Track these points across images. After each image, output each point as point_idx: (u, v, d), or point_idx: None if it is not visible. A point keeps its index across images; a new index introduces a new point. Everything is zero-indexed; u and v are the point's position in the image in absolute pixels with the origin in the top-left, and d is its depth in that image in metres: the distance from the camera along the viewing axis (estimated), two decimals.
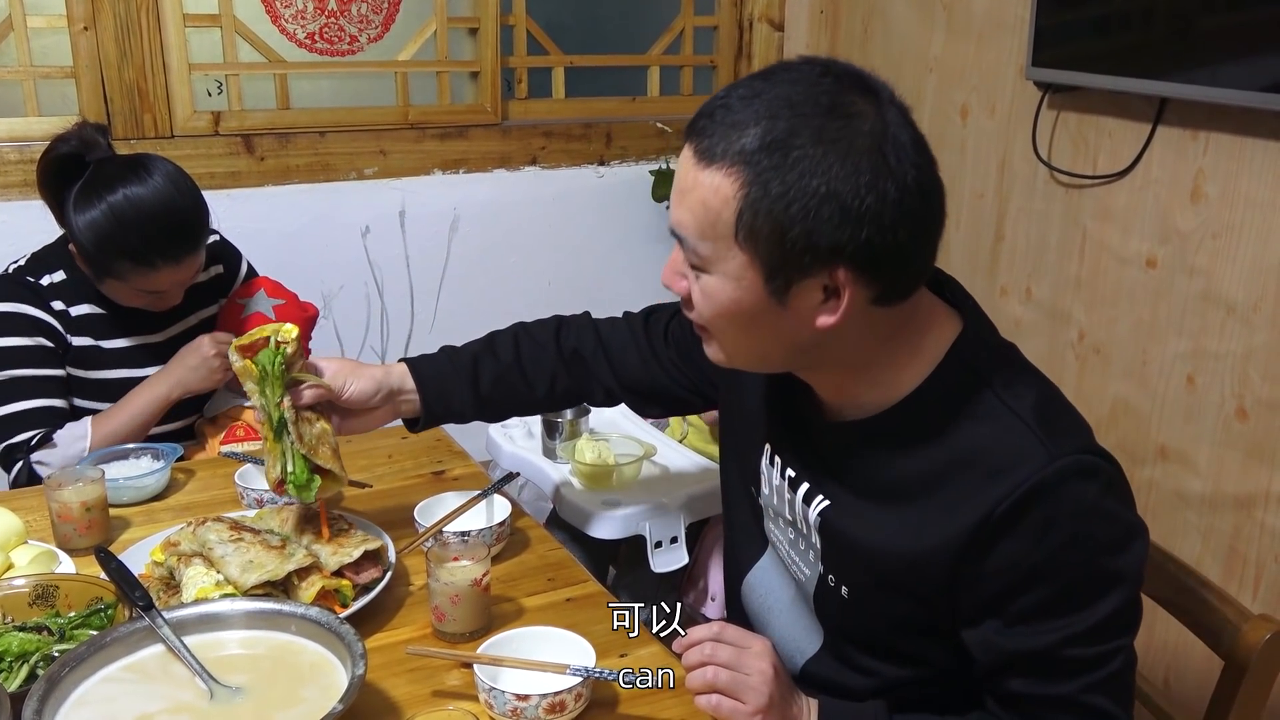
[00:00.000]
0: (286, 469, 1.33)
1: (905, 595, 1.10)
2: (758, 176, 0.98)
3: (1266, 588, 1.92)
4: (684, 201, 1.04)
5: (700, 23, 2.99)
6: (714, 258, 1.02)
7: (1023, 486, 1.01)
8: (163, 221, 1.77)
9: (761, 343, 1.07)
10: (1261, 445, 1.91)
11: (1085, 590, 1.04)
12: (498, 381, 1.48)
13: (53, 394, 1.85)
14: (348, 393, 1.40)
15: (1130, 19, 2.03)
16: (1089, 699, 1.05)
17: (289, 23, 2.48)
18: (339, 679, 1.10)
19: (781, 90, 0.99)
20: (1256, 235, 1.88)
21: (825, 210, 0.97)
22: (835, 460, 1.16)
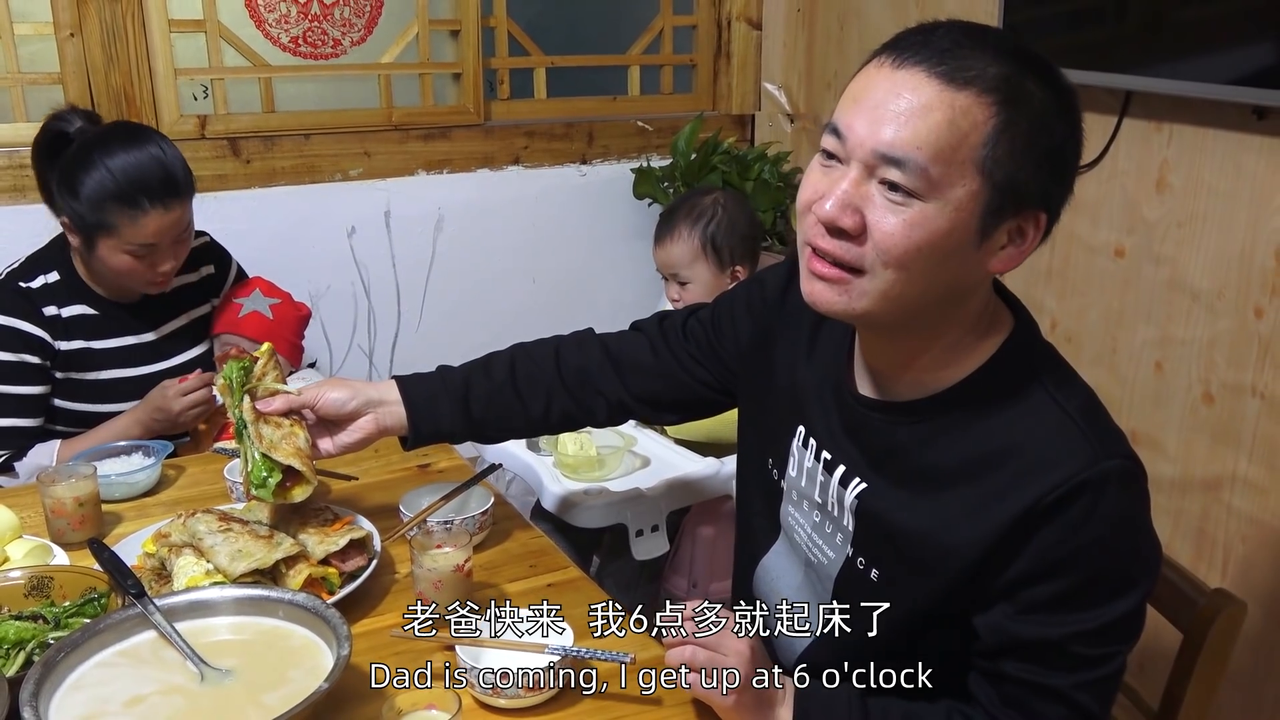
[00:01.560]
0: (249, 474, 1.35)
1: (936, 580, 1.10)
2: (1011, 107, 0.99)
3: (1234, 567, 1.96)
4: (912, 120, 0.99)
5: (679, 22, 3.03)
6: (944, 182, 0.99)
7: (1070, 482, 1.02)
8: (148, 166, 1.83)
9: (938, 282, 1.03)
10: (1227, 429, 1.96)
11: (1102, 590, 1.05)
12: (490, 402, 1.45)
13: (25, 413, 1.90)
14: (321, 400, 1.39)
15: (1095, 15, 2.08)
16: (1079, 696, 1.08)
17: (273, 27, 2.52)
18: (325, 661, 1.14)
19: (1004, 37, 1.04)
20: (1219, 224, 1.93)
21: (1053, 154, 1.02)
22: (876, 442, 1.16)
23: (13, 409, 1.88)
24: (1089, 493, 1.02)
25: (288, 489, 1.36)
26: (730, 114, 3.07)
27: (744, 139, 3.09)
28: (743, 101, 3.08)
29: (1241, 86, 1.78)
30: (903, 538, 1.13)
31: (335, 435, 1.42)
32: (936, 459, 1.11)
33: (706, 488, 1.96)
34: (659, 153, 2.96)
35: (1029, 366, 1.11)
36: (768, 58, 3.07)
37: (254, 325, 2.01)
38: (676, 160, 2.80)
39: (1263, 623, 1.91)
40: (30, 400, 1.89)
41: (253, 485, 1.35)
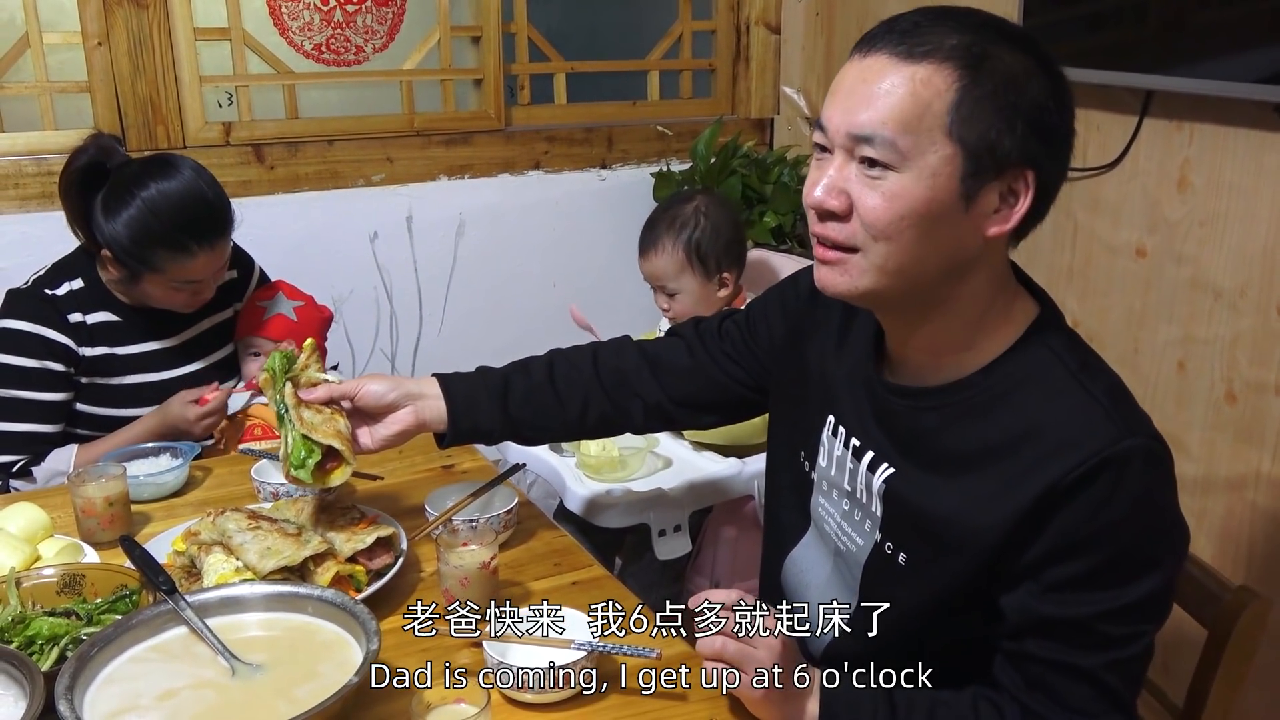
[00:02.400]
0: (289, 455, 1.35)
1: (961, 561, 1.12)
2: (973, 70, 1.03)
3: (1258, 565, 1.96)
4: (874, 100, 1.04)
5: (698, 27, 3.04)
6: (914, 151, 1.03)
7: (1093, 459, 1.03)
8: (194, 209, 1.85)
9: (930, 250, 1.06)
10: (1250, 428, 1.95)
11: (1127, 569, 1.06)
12: (528, 401, 1.46)
13: (45, 419, 1.92)
14: (361, 390, 1.41)
15: (1114, 16, 2.09)
16: (1106, 676, 1.08)
17: (296, 34, 2.54)
18: (354, 655, 1.16)
19: (967, 14, 1.07)
20: (1241, 222, 1.92)
21: (1030, 115, 1.04)
22: (904, 427, 1.18)
23: (34, 414, 1.90)
24: (1112, 470, 1.03)
25: (327, 471, 1.36)
26: (749, 118, 3.09)
27: (763, 143, 3.10)
28: (762, 105, 3.09)
29: (1262, 85, 1.78)
30: (928, 521, 1.14)
31: (374, 429, 1.44)
32: (962, 442, 1.13)
33: (729, 488, 1.96)
34: (679, 157, 2.97)
35: (1052, 351, 1.12)
36: (786, 62, 3.08)
37: (278, 328, 2.03)
38: (696, 164, 2.81)
39: None
40: (51, 406, 1.92)
41: (292, 466, 1.34)
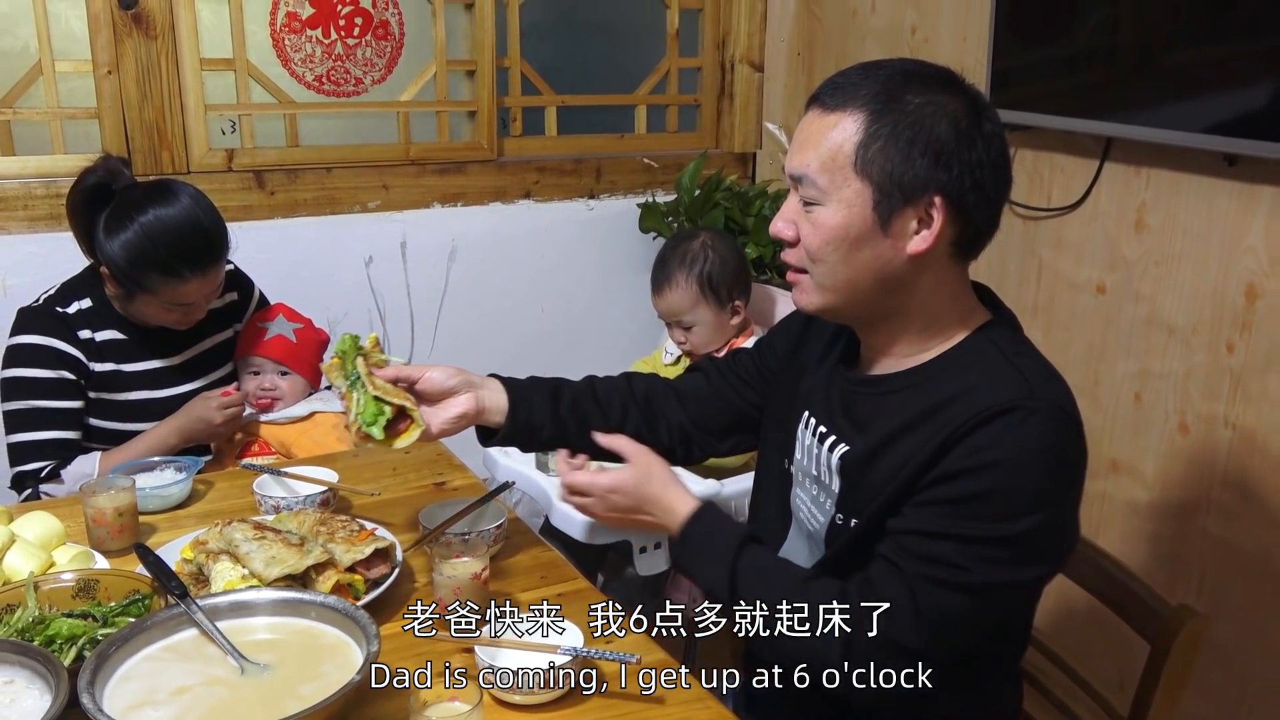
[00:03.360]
0: (359, 413, 1.42)
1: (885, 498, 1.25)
2: (876, 115, 1.20)
3: (1208, 589, 2.06)
4: (806, 146, 1.24)
5: (685, 64, 3.16)
6: (831, 188, 1.22)
7: (996, 405, 1.17)
8: (189, 236, 1.94)
9: (858, 269, 1.24)
10: (1201, 458, 2.06)
11: (994, 506, 1.17)
12: (575, 406, 1.55)
13: (66, 426, 2.00)
14: (425, 375, 1.47)
15: (1077, 65, 2.20)
16: (919, 588, 1.18)
17: (298, 66, 2.64)
18: (355, 657, 1.24)
19: (896, 64, 1.25)
20: (1194, 263, 2.04)
21: (931, 148, 1.19)
22: (860, 410, 1.33)
23: (56, 422, 1.98)
24: (1007, 418, 1.17)
25: (399, 430, 1.42)
26: (733, 152, 3.20)
27: (745, 176, 3.21)
28: (745, 140, 3.21)
29: (1214, 135, 1.90)
30: (876, 485, 1.27)
31: (432, 415, 1.48)
32: (904, 412, 1.26)
33: None
34: (664, 188, 3.07)
35: (993, 343, 1.27)
36: (769, 99, 3.20)
37: (278, 348, 2.12)
38: (681, 196, 2.92)
39: (1235, 640, 2.00)
40: (70, 414, 2.00)
41: (364, 423, 1.40)
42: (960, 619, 1.20)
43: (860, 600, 1.21)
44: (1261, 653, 1.97)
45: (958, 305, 1.30)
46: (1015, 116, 2.28)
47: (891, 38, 2.71)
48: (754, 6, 3.12)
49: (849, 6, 2.85)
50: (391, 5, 2.71)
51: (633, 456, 1.39)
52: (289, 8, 2.60)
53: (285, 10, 2.60)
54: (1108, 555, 1.54)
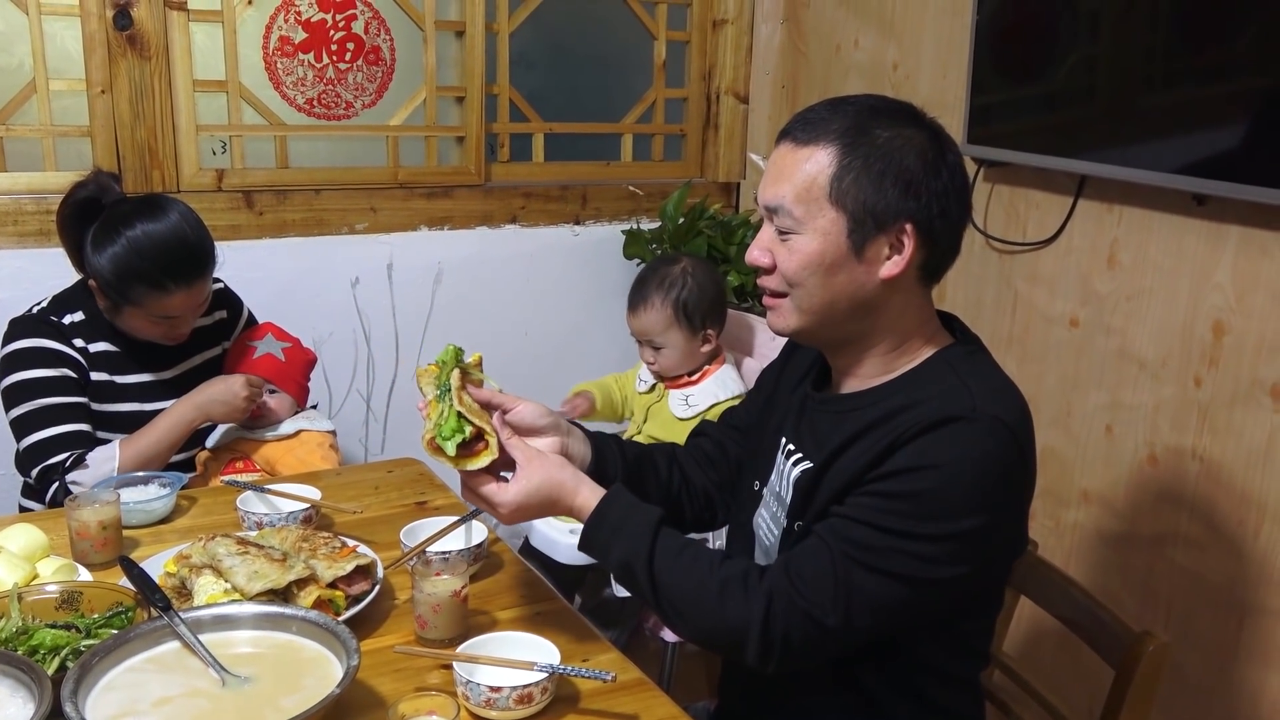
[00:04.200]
0: (439, 424, 1.38)
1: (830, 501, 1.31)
2: (848, 149, 1.27)
3: (1176, 617, 2.10)
4: (781, 178, 1.30)
5: (671, 94, 3.21)
6: (807, 217, 1.28)
7: (939, 414, 1.24)
8: (175, 249, 1.97)
9: (835, 293, 1.31)
10: (1170, 489, 2.10)
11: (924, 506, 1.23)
12: (637, 458, 1.58)
13: (81, 419, 2.02)
14: (518, 408, 1.46)
15: (1053, 104, 2.26)
16: (840, 565, 1.24)
17: (290, 89, 2.68)
18: (335, 671, 1.26)
19: (861, 100, 1.33)
20: (1163, 299, 2.09)
21: (901, 178, 1.26)
22: (823, 426, 1.39)
23: (67, 416, 2.00)
24: (953, 425, 1.23)
25: (473, 452, 1.37)
26: (717, 181, 3.25)
27: (729, 205, 3.26)
28: (729, 170, 3.26)
29: (1184, 175, 1.95)
30: (822, 491, 1.33)
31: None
32: (858, 424, 1.31)
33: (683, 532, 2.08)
34: (648, 216, 3.12)
35: (948, 363, 1.33)
36: (753, 130, 3.25)
37: (267, 366, 2.14)
38: (665, 224, 2.96)
39: (1201, 668, 2.04)
40: (79, 408, 2.02)
41: (440, 437, 1.36)
42: (877, 601, 1.25)
43: (783, 570, 1.27)
44: (1226, 682, 2.01)
45: (923, 327, 1.37)
46: (992, 153, 2.34)
47: (874, 73, 2.77)
48: (740, 40, 3.17)
49: (833, 42, 2.91)
50: (383, 31, 2.75)
51: (528, 462, 1.38)
52: (282, 32, 2.64)
53: (278, 34, 2.63)
54: (1075, 583, 1.57)
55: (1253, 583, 1.96)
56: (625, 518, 1.35)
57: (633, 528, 1.33)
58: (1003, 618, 1.63)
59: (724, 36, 3.18)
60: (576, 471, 1.40)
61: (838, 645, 1.27)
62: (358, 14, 2.71)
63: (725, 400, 2.36)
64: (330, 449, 2.19)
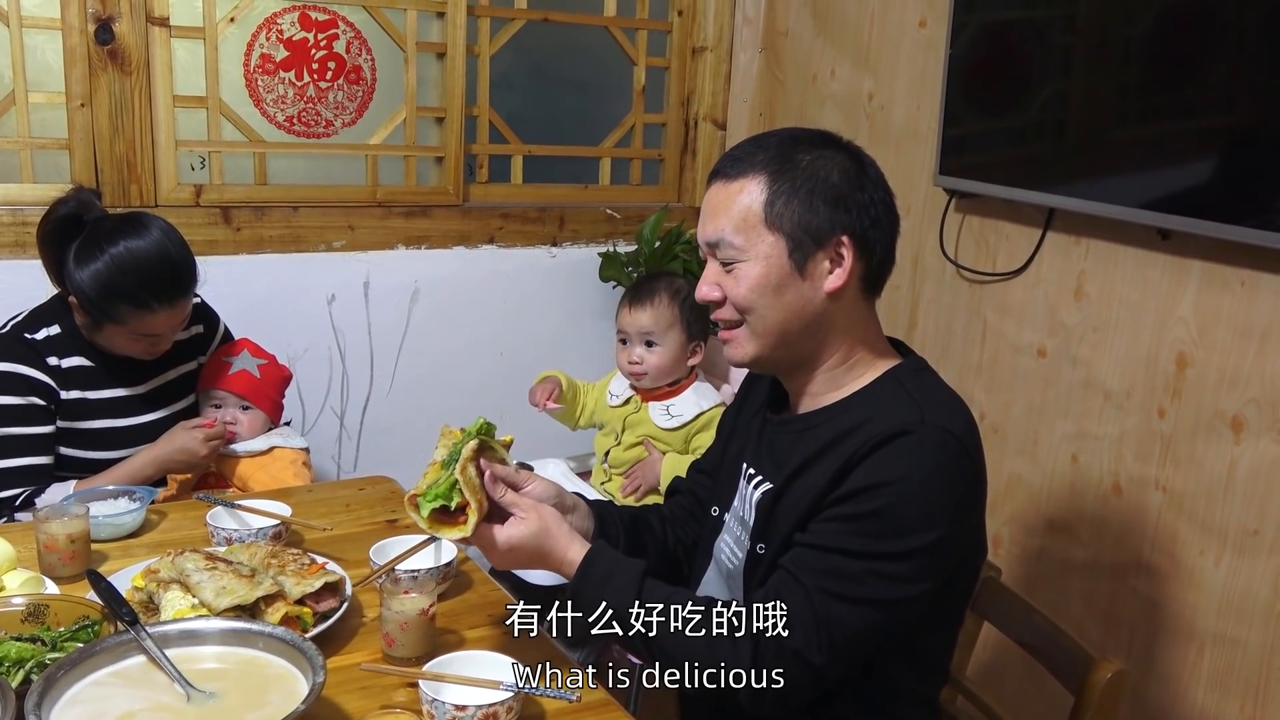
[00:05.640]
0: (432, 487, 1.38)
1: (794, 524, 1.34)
2: (775, 176, 1.34)
3: (1138, 646, 2.12)
4: (717, 213, 1.37)
5: (650, 119, 3.24)
6: (748, 245, 1.35)
7: (890, 429, 1.28)
8: (158, 268, 1.97)
9: (786, 313, 1.36)
10: (1133, 519, 2.13)
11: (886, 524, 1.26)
12: (633, 520, 1.62)
13: (40, 452, 2.01)
14: (529, 485, 1.47)
15: (1023, 138, 2.30)
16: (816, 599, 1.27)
17: (270, 106, 2.69)
18: (301, 688, 1.26)
19: (780, 133, 1.41)
20: (1128, 331, 2.13)
21: (829, 194, 1.34)
22: (780, 448, 1.43)
23: (27, 448, 1.99)
24: (904, 439, 1.27)
25: (450, 521, 1.37)
26: (693, 206, 3.27)
27: None
28: None
29: (1149, 211, 1.99)
30: (782, 512, 1.36)
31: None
32: (813, 445, 1.35)
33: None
34: (625, 239, 3.14)
35: (898, 381, 1.38)
36: None
37: (242, 383, 2.15)
38: (641, 247, 2.98)
39: (1162, 695, 2.07)
40: (41, 439, 2.01)
41: (422, 496, 1.37)
42: (856, 632, 1.28)
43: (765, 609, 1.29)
44: (1186, 709, 2.04)
45: (870, 340, 1.42)
46: (964, 184, 2.38)
47: (849, 103, 2.81)
48: (718, 67, 3.21)
49: (810, 71, 2.95)
50: (365, 51, 2.77)
51: (525, 511, 1.39)
52: (264, 49, 2.65)
53: (260, 52, 2.65)
54: (1037, 609, 1.60)
55: (1213, 611, 2.00)
56: (611, 572, 1.36)
57: (619, 581, 1.35)
58: (965, 642, 1.65)
59: (703, 63, 3.22)
60: (571, 530, 1.41)
61: (826, 680, 1.30)
62: (339, 33, 2.73)
63: (709, 409, 2.38)
64: (303, 466, 2.19)
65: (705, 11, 3.18)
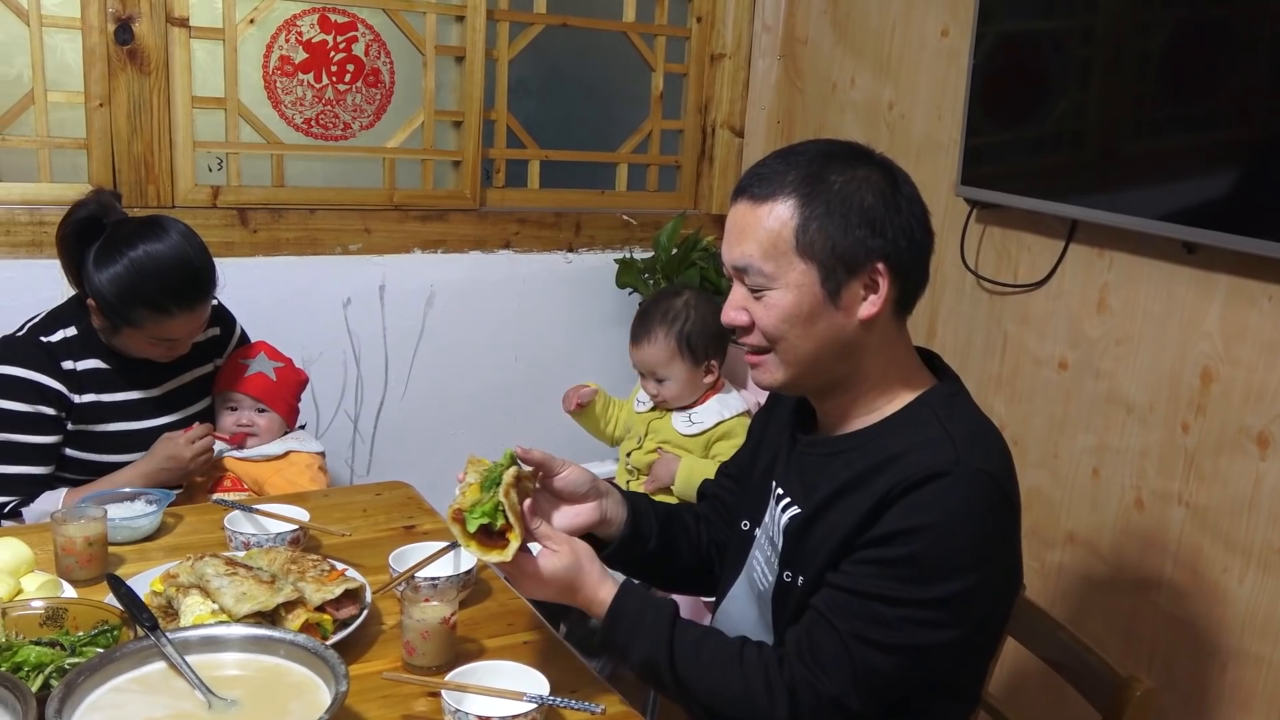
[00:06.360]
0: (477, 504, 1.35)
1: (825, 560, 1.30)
2: (807, 199, 1.27)
3: (1160, 663, 2.10)
4: (744, 237, 1.30)
5: (667, 126, 3.23)
6: (777, 273, 1.28)
7: (925, 471, 1.23)
8: (178, 272, 1.96)
9: (817, 342, 1.31)
10: (1155, 534, 2.11)
11: (923, 568, 1.23)
12: (668, 515, 1.60)
13: (36, 461, 2.00)
14: (564, 472, 1.46)
15: (1047, 148, 2.29)
16: (853, 645, 1.24)
17: (288, 108, 2.68)
18: (323, 697, 1.25)
19: (809, 147, 1.33)
20: (1152, 344, 2.11)
21: (865, 218, 1.27)
22: (809, 471, 1.39)
23: (25, 457, 1.98)
24: (940, 481, 1.22)
25: (489, 542, 1.35)
26: (710, 213, 3.26)
27: (721, 238, 3.26)
28: (722, 203, 3.27)
29: (1173, 224, 1.97)
30: (816, 544, 1.32)
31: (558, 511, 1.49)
32: (844, 474, 1.31)
33: None
34: (642, 245, 3.13)
35: (930, 408, 1.33)
36: (748, 163, 3.25)
37: (258, 385, 2.14)
38: (658, 254, 2.97)
39: (1183, 713, 2.05)
40: (42, 449, 2.00)
41: (474, 513, 1.34)
42: (891, 678, 1.26)
43: (799, 658, 1.27)
44: None
45: (903, 363, 1.37)
46: (986, 194, 2.36)
47: (869, 112, 2.80)
48: (737, 74, 3.20)
49: (829, 80, 2.93)
50: (384, 54, 2.76)
51: (559, 544, 1.37)
52: (283, 51, 2.64)
53: (279, 54, 2.64)
54: (1064, 626, 1.58)
55: (1236, 629, 1.97)
56: (642, 613, 1.34)
57: (650, 623, 1.33)
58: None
59: (721, 70, 3.20)
60: (604, 568, 1.39)
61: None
62: (359, 36, 2.72)
63: (730, 418, 2.39)
64: (319, 470, 2.18)
65: (724, 18, 3.17)
